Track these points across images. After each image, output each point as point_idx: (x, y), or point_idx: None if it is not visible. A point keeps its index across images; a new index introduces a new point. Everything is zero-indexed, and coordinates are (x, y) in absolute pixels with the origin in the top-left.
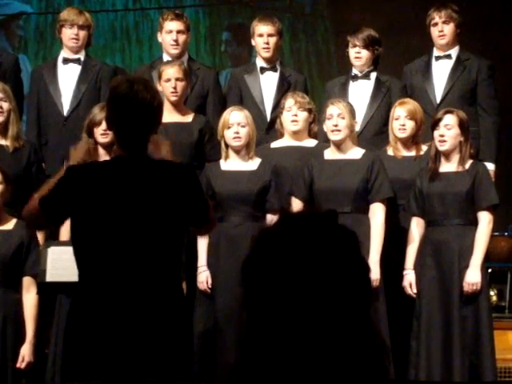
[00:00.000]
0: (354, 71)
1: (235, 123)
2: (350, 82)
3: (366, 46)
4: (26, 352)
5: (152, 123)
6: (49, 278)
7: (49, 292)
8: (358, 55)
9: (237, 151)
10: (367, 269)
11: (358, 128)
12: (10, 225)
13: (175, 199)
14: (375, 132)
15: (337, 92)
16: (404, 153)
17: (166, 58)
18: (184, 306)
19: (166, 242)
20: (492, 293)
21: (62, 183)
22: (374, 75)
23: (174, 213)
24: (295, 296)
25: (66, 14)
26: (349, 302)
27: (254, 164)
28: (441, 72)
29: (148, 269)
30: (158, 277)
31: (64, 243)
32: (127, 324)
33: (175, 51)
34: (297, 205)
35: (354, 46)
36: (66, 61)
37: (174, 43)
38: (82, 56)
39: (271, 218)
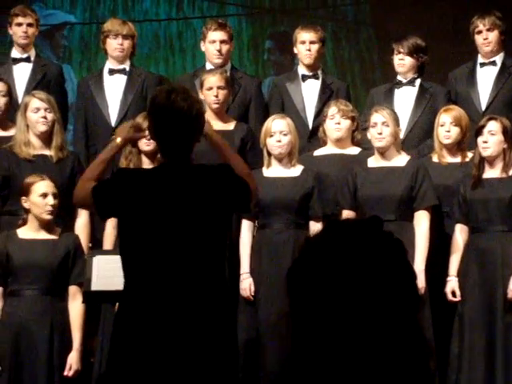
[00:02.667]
0: (399, 78)
1: (277, 131)
2: (395, 88)
3: (409, 53)
4: (73, 360)
5: (192, 132)
6: (94, 287)
7: (94, 301)
8: (402, 62)
9: (279, 159)
10: (413, 275)
11: (402, 135)
12: (57, 235)
13: (217, 194)
14: (419, 138)
15: (382, 99)
16: (449, 159)
17: (209, 66)
18: (231, 313)
19: (212, 247)
20: None
21: (114, 182)
22: (418, 82)
23: (217, 215)
24: (342, 303)
25: (110, 24)
26: (397, 308)
27: (296, 171)
28: (486, 79)
29: (194, 275)
30: (205, 283)
31: (109, 252)
32: (174, 331)
33: (218, 61)
34: (346, 215)
35: (399, 52)
36: (111, 71)
37: (218, 53)
38: (127, 66)
39: (314, 225)
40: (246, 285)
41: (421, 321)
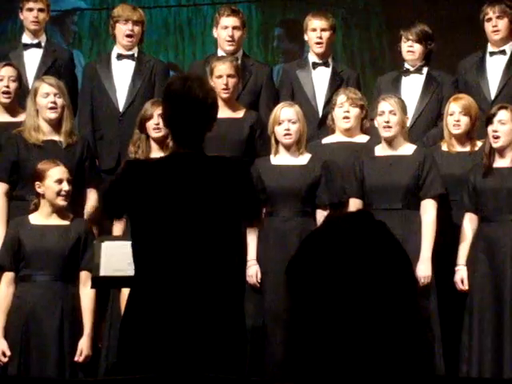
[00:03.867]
0: (407, 66)
1: (286, 119)
2: (402, 76)
3: (419, 41)
4: (84, 345)
5: (207, 120)
6: (102, 272)
7: (102, 286)
8: (411, 49)
9: (287, 147)
10: (408, 261)
11: (408, 123)
12: (68, 221)
13: (230, 194)
14: (426, 126)
15: (389, 87)
16: (458, 148)
17: (220, 53)
18: (239, 300)
19: (223, 236)
20: None
21: (121, 176)
22: (425, 70)
23: (228, 207)
24: (340, 295)
25: (121, 9)
26: (393, 295)
27: (304, 159)
28: (495, 68)
29: (205, 263)
30: (216, 271)
31: (117, 238)
32: (183, 318)
33: (230, 47)
34: (353, 203)
35: (407, 39)
36: (119, 57)
37: (230, 39)
38: (135, 52)
39: (321, 214)
40: (253, 272)
41: (425, 310)
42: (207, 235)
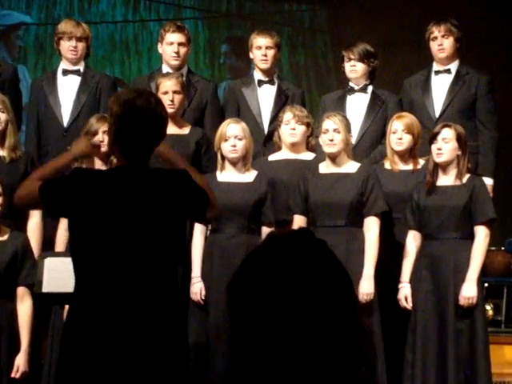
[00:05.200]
0: (351, 84)
1: (232, 136)
2: (347, 95)
3: (361, 59)
4: (20, 362)
5: (162, 136)
6: (45, 288)
7: (45, 302)
8: (354, 68)
9: (233, 163)
10: (348, 280)
11: (353, 141)
12: (5, 236)
13: (172, 202)
14: (370, 144)
15: (333, 105)
16: (401, 166)
17: (165, 69)
18: (182, 317)
19: (164, 251)
20: (488, 307)
21: (66, 181)
22: (370, 89)
23: (172, 217)
24: (280, 313)
25: (64, 26)
26: (333, 313)
27: (250, 176)
28: (440, 86)
29: (146, 279)
30: (156, 288)
31: (60, 254)
32: (124, 334)
33: (175, 62)
34: (297, 220)
35: (350, 59)
36: (65, 72)
37: (175, 55)
38: (81, 67)
39: (266, 231)
40: (197, 289)
41: (368, 328)
42: (148, 250)
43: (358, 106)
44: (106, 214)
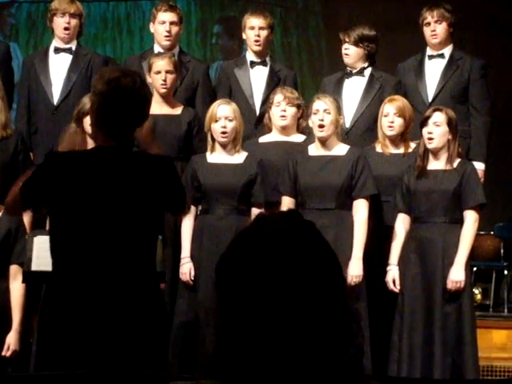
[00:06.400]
0: (348, 68)
1: (222, 117)
2: (345, 78)
3: (355, 43)
4: (11, 340)
5: (145, 116)
6: (34, 266)
7: (34, 281)
8: (347, 51)
9: (223, 145)
10: (336, 261)
11: (347, 124)
12: None
13: (152, 189)
14: (365, 128)
15: (332, 88)
16: (392, 150)
17: (157, 49)
18: (158, 296)
19: (142, 233)
20: (476, 291)
21: (41, 169)
22: (368, 72)
23: (150, 204)
24: (268, 294)
25: (58, 3)
26: (321, 294)
27: (240, 157)
28: (433, 71)
29: (123, 259)
30: (133, 268)
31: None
32: (100, 313)
33: (167, 42)
34: (286, 202)
35: (345, 42)
36: (57, 50)
37: (167, 34)
38: (73, 45)
39: (256, 212)
40: (186, 269)
41: (355, 309)
42: (124, 230)
43: (355, 88)
44: (82, 195)
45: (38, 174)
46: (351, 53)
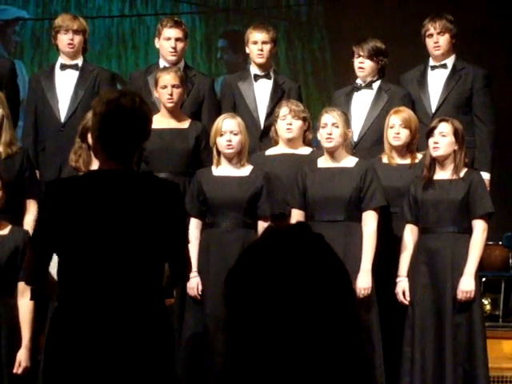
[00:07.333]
0: (358, 81)
1: (228, 131)
2: (354, 91)
3: (369, 57)
4: (22, 357)
5: (147, 135)
6: None
7: (43, 298)
8: (362, 65)
9: (229, 159)
10: (346, 273)
11: (355, 138)
12: (5, 230)
13: (159, 217)
14: (373, 142)
15: (342, 101)
16: (398, 161)
17: (162, 63)
18: (166, 319)
19: (149, 257)
20: (486, 302)
21: (44, 202)
22: (376, 85)
23: (155, 227)
24: (278, 307)
25: (61, 20)
26: (331, 307)
27: (245, 170)
28: (436, 81)
29: (130, 284)
30: (140, 292)
31: None
32: (108, 336)
33: (173, 58)
34: (295, 214)
35: (359, 55)
36: (63, 67)
37: (173, 50)
38: (79, 61)
39: (262, 225)
40: (194, 284)
41: (366, 322)
42: (131, 255)
43: (363, 102)
44: (89, 220)
45: (43, 211)
46: (366, 66)
